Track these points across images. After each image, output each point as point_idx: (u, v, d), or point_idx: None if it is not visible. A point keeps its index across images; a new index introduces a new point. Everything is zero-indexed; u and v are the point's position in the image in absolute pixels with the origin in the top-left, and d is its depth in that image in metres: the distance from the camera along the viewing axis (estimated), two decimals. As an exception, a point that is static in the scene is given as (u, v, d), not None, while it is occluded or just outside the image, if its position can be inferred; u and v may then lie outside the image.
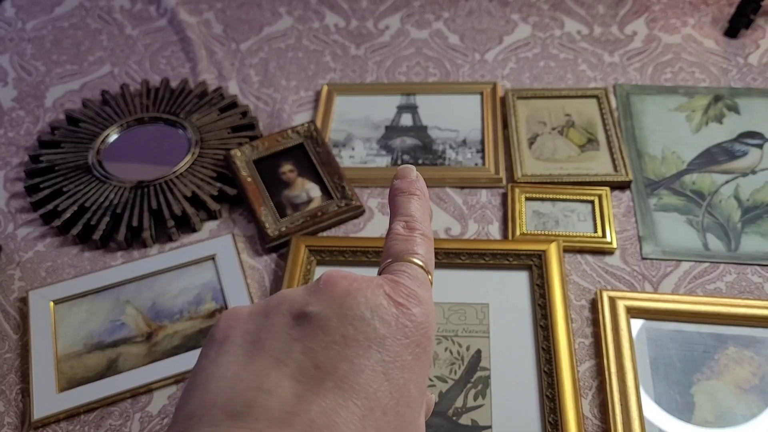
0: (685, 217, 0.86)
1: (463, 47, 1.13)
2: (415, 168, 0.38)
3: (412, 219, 0.35)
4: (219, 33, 1.20)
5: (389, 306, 0.29)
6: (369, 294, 0.29)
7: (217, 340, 0.29)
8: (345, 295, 0.29)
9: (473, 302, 0.78)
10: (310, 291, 0.30)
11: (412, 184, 0.37)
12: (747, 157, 0.92)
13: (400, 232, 0.34)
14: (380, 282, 0.30)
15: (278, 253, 0.86)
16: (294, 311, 0.29)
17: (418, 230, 0.34)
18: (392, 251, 0.33)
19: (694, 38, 1.11)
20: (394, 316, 0.29)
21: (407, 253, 0.33)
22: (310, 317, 0.28)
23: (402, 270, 0.32)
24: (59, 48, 1.20)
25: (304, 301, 0.29)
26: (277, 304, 0.30)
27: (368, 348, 0.27)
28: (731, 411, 0.68)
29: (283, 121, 1.03)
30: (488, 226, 0.87)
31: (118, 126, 1.01)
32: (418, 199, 0.36)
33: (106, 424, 0.71)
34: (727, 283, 0.79)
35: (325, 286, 0.29)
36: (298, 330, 0.28)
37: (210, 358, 0.29)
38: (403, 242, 0.34)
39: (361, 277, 0.30)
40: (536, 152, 0.94)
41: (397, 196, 0.36)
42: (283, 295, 0.30)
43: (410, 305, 0.29)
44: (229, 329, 0.29)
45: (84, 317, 0.80)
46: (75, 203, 0.90)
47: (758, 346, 0.73)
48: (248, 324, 0.29)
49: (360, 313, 0.28)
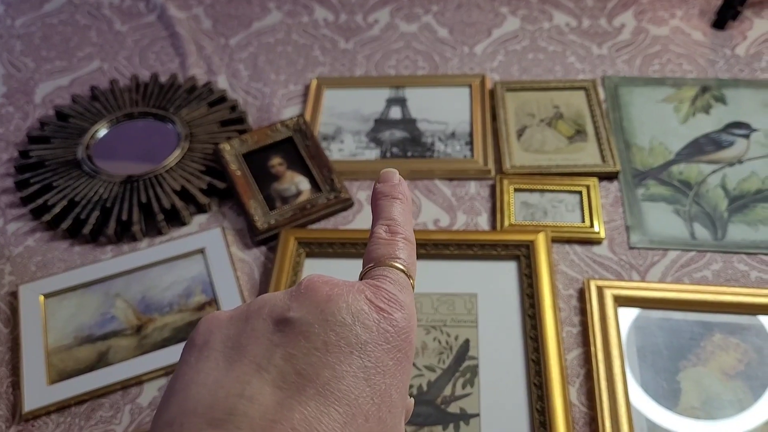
0: (672, 207, 0.86)
1: (452, 40, 1.13)
2: (397, 172, 0.38)
3: (394, 223, 0.35)
4: (208, 28, 1.20)
5: (371, 311, 0.29)
6: (350, 299, 0.29)
7: (197, 345, 0.29)
8: (326, 301, 0.28)
9: (462, 292, 0.78)
10: (292, 296, 0.29)
11: (395, 188, 0.36)
12: (734, 147, 0.93)
13: (382, 236, 0.34)
14: (362, 287, 0.30)
15: (268, 245, 0.87)
16: (275, 316, 0.29)
17: (400, 234, 0.34)
18: (374, 255, 0.33)
19: (682, 30, 1.11)
20: (376, 321, 0.28)
21: (389, 258, 0.33)
22: (291, 323, 0.28)
23: (383, 275, 0.32)
24: (48, 44, 1.20)
25: (285, 306, 0.29)
26: (258, 308, 0.29)
27: (350, 354, 0.27)
28: (717, 397, 0.69)
29: (272, 115, 1.03)
30: (477, 218, 0.87)
31: (107, 121, 1.01)
32: (400, 203, 0.36)
33: (97, 416, 0.71)
34: (714, 272, 0.80)
35: (307, 291, 0.29)
36: (279, 335, 0.28)
37: (190, 364, 0.28)
38: (385, 246, 0.33)
39: (342, 282, 0.30)
40: (525, 144, 0.94)
41: (379, 199, 0.36)
42: (264, 300, 0.30)
43: (392, 310, 0.29)
44: (208, 334, 0.29)
45: (74, 311, 0.80)
46: (65, 198, 0.90)
47: (744, 333, 0.73)
48: (228, 329, 0.29)
49: (341, 319, 0.28)
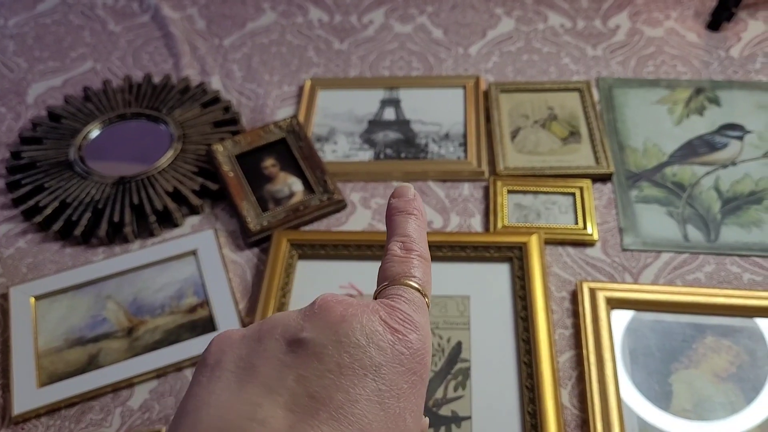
0: (666, 209, 0.86)
1: (447, 41, 1.13)
2: (412, 187, 0.37)
3: (409, 240, 0.34)
4: (202, 28, 1.20)
5: (385, 332, 0.28)
6: (364, 320, 0.28)
7: (208, 365, 0.29)
8: (340, 321, 0.28)
9: (454, 294, 0.78)
10: (305, 316, 0.29)
11: (410, 203, 0.36)
12: (727, 148, 0.93)
13: (397, 253, 0.33)
14: (376, 307, 0.29)
15: (260, 247, 0.86)
16: (288, 337, 0.28)
17: (415, 251, 0.33)
18: (388, 273, 0.33)
19: (677, 31, 1.11)
20: (390, 342, 0.28)
21: (404, 276, 0.32)
22: (304, 344, 0.27)
23: (398, 294, 0.31)
24: (41, 44, 1.19)
25: (298, 326, 0.28)
26: (270, 328, 0.29)
27: (364, 377, 0.27)
28: (709, 399, 0.69)
29: (266, 116, 1.03)
30: (470, 219, 0.87)
31: (100, 122, 1.00)
32: (415, 219, 0.35)
33: (87, 418, 0.71)
34: (707, 274, 0.80)
35: (320, 311, 0.29)
36: (291, 357, 0.27)
37: (202, 385, 0.28)
38: (400, 264, 0.33)
39: (356, 302, 0.30)
40: (519, 145, 0.94)
41: (394, 215, 0.35)
42: (277, 319, 0.29)
43: (406, 331, 0.29)
44: (220, 353, 0.29)
45: (65, 313, 0.80)
46: (56, 199, 0.90)
47: (736, 335, 0.73)
48: (240, 349, 0.29)
49: (355, 340, 0.27)
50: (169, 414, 0.70)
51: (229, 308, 0.79)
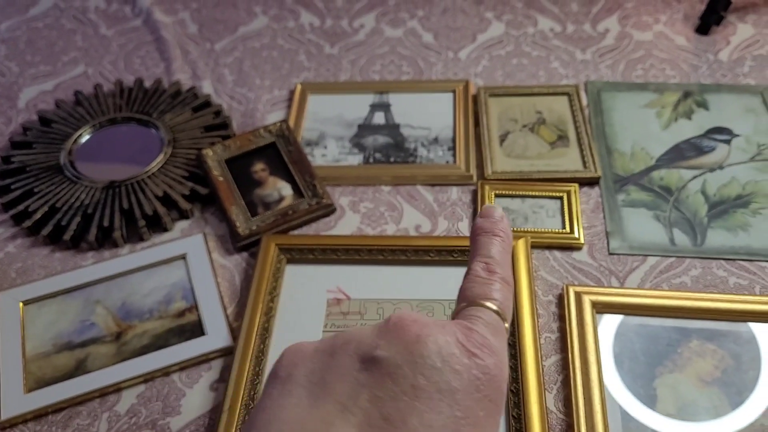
0: (653, 213, 0.87)
1: (437, 45, 1.14)
2: (500, 208, 0.36)
3: (493, 261, 0.33)
4: (194, 33, 1.20)
5: (461, 355, 0.27)
6: (441, 341, 0.28)
7: (280, 377, 0.28)
8: (416, 341, 0.27)
9: (442, 299, 0.79)
10: (380, 332, 0.28)
11: (496, 225, 0.35)
12: (715, 152, 0.93)
13: (480, 274, 0.33)
14: (453, 328, 0.29)
15: (249, 251, 0.87)
16: (362, 353, 0.28)
17: (497, 274, 0.33)
18: (468, 294, 0.32)
19: (666, 35, 1.12)
20: (467, 366, 0.27)
21: (484, 298, 0.32)
22: (378, 362, 0.27)
23: (477, 316, 0.30)
24: (33, 48, 1.19)
25: (372, 343, 0.28)
26: (344, 343, 0.29)
27: (439, 401, 0.26)
28: (693, 404, 0.69)
29: (256, 120, 1.03)
30: (458, 223, 0.87)
31: (90, 126, 1.00)
32: (501, 241, 0.35)
33: (74, 423, 0.71)
34: (693, 278, 0.80)
35: (395, 328, 0.28)
36: (365, 375, 0.27)
37: (272, 397, 0.28)
38: (481, 285, 0.32)
39: (432, 322, 0.29)
40: (507, 149, 0.95)
41: (479, 235, 0.35)
42: (351, 335, 0.29)
43: (483, 355, 0.28)
44: (292, 367, 0.28)
45: (53, 318, 0.80)
46: (46, 204, 0.90)
47: (721, 339, 0.74)
48: (313, 363, 0.28)
49: (431, 362, 0.27)
50: (156, 419, 0.71)
51: (217, 313, 0.79)
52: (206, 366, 0.75)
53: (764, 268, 0.80)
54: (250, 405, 0.70)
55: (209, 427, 0.70)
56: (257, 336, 0.75)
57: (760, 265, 0.81)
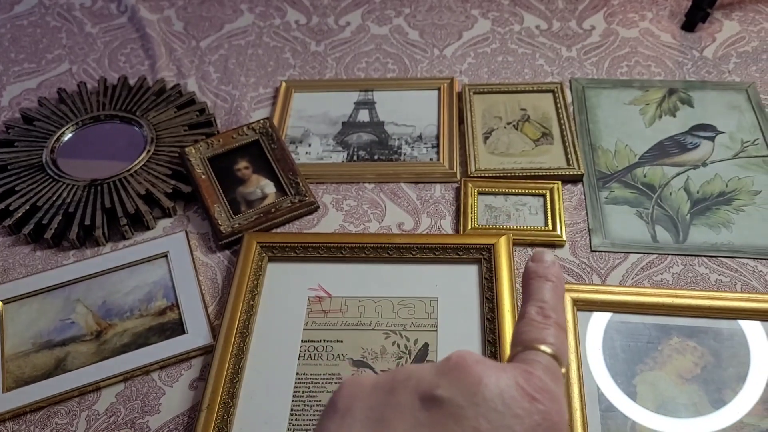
0: (635, 210, 0.86)
1: (423, 43, 1.13)
2: (551, 252, 0.37)
3: (547, 306, 0.33)
4: (179, 30, 1.20)
5: (522, 399, 0.27)
6: (503, 384, 0.27)
7: (338, 410, 0.28)
8: (478, 383, 0.27)
9: (423, 296, 0.78)
10: (441, 371, 0.28)
11: (549, 269, 0.35)
12: (698, 149, 0.93)
13: (534, 318, 0.33)
14: (513, 372, 0.28)
15: (231, 250, 0.86)
16: (422, 391, 0.27)
17: (552, 318, 0.33)
18: (525, 338, 0.32)
19: (652, 32, 1.12)
20: (528, 411, 0.27)
21: (540, 342, 0.31)
22: (440, 402, 0.27)
23: (535, 360, 0.30)
24: (17, 46, 1.19)
25: (433, 382, 0.28)
26: (404, 379, 0.28)
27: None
28: (672, 400, 0.69)
29: (241, 118, 1.03)
30: (441, 221, 0.87)
31: (73, 124, 1.00)
32: (553, 286, 0.35)
33: (52, 423, 0.71)
34: (674, 275, 0.80)
35: (457, 368, 0.28)
36: (425, 414, 0.26)
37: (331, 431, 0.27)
38: (537, 330, 0.32)
39: (492, 364, 0.29)
40: (491, 147, 0.94)
41: (531, 279, 0.35)
42: (410, 371, 0.29)
43: (544, 400, 0.27)
44: (351, 400, 0.28)
45: (34, 316, 0.80)
46: (27, 202, 0.89)
47: (701, 336, 0.74)
48: (372, 398, 0.28)
49: (493, 405, 0.26)
50: (135, 417, 0.70)
51: (198, 311, 0.79)
52: (186, 364, 0.75)
53: (746, 265, 0.80)
54: (228, 404, 0.69)
55: (188, 426, 0.70)
56: (237, 334, 0.75)
57: (742, 262, 0.81)
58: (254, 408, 0.71)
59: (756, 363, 0.71)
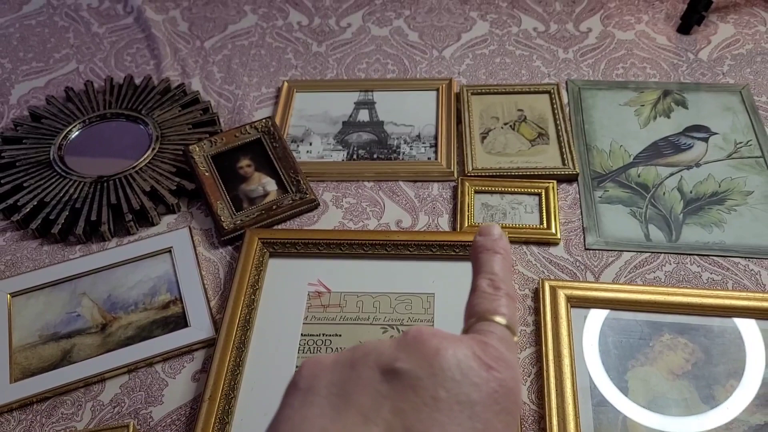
0: (629, 209, 0.88)
1: (422, 44, 1.15)
2: (498, 226, 0.38)
3: (497, 278, 0.34)
4: (184, 31, 1.22)
5: (479, 369, 0.28)
6: (460, 354, 0.28)
7: (300, 388, 0.29)
8: (435, 354, 0.28)
9: (420, 292, 0.80)
10: (399, 345, 0.29)
11: (496, 242, 0.36)
12: (692, 150, 0.95)
13: (486, 290, 0.34)
14: (469, 342, 0.29)
15: (234, 245, 0.88)
16: (382, 365, 0.28)
17: (502, 289, 0.34)
18: (477, 309, 0.33)
19: (647, 34, 1.13)
20: (485, 380, 0.28)
21: (492, 313, 0.32)
22: (399, 374, 0.27)
23: (489, 330, 0.31)
24: (26, 45, 1.21)
25: (392, 355, 0.28)
26: (364, 355, 0.29)
27: (459, 413, 0.26)
28: (663, 396, 0.71)
29: (243, 117, 1.05)
30: (438, 219, 0.89)
31: (80, 122, 1.02)
32: (501, 258, 0.35)
33: (58, 413, 0.73)
34: (666, 273, 0.82)
35: (415, 342, 0.29)
36: (386, 386, 0.27)
37: (294, 408, 0.28)
38: (489, 301, 0.33)
39: (449, 335, 0.29)
40: (488, 146, 0.96)
41: (480, 253, 0.36)
42: (369, 347, 0.30)
43: (500, 369, 0.28)
44: (312, 378, 0.29)
45: (40, 309, 0.82)
46: (35, 198, 0.92)
47: (692, 332, 0.75)
48: (333, 374, 0.29)
49: (451, 375, 0.27)
50: (138, 408, 0.72)
51: (201, 305, 0.81)
52: (189, 357, 0.77)
53: (737, 264, 0.82)
54: (230, 395, 0.71)
55: (190, 417, 0.72)
56: (239, 328, 0.77)
57: (734, 261, 0.82)
58: (255, 400, 0.73)
59: (747, 360, 0.73)
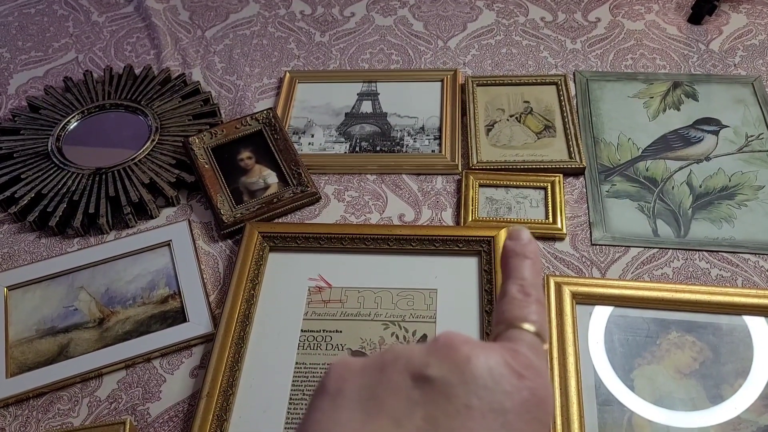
0: (637, 204, 0.86)
1: (427, 34, 1.13)
2: (527, 230, 0.37)
3: (527, 283, 0.33)
4: (185, 20, 1.20)
5: (511, 377, 0.27)
6: (492, 362, 0.27)
7: (329, 392, 0.28)
8: (467, 362, 0.27)
9: (422, 288, 0.79)
10: (429, 351, 0.28)
11: (525, 247, 0.35)
12: (702, 143, 0.93)
13: (516, 296, 0.33)
14: (500, 350, 0.29)
15: (233, 239, 0.87)
16: (412, 371, 0.27)
17: (533, 296, 0.33)
18: (507, 317, 0.32)
19: (658, 24, 1.11)
20: (517, 388, 0.27)
21: (522, 320, 0.32)
22: (430, 381, 0.27)
23: (519, 338, 0.31)
24: (25, 34, 1.20)
25: (423, 361, 0.28)
26: (393, 359, 0.28)
27: (492, 421, 0.26)
28: (670, 395, 0.69)
29: (245, 108, 1.03)
30: (442, 213, 0.87)
31: (79, 113, 1.01)
32: (531, 263, 0.35)
33: (55, 408, 0.72)
34: (675, 269, 0.80)
35: (446, 348, 0.28)
36: (418, 393, 0.27)
37: (324, 411, 0.27)
38: (519, 308, 0.32)
39: (480, 343, 0.29)
40: (493, 139, 0.94)
41: (510, 257, 0.35)
42: (399, 352, 0.29)
43: (531, 377, 0.28)
44: (342, 381, 0.28)
45: (37, 303, 0.81)
46: (32, 190, 0.90)
47: (700, 331, 0.74)
48: (362, 378, 0.28)
49: (483, 383, 0.27)
50: (136, 404, 0.71)
51: (200, 300, 0.80)
52: (187, 352, 0.76)
53: (747, 261, 0.80)
54: (228, 392, 0.70)
55: (188, 413, 0.70)
56: (238, 323, 0.75)
57: (744, 257, 0.81)
58: (253, 396, 0.71)
59: (756, 359, 0.71)
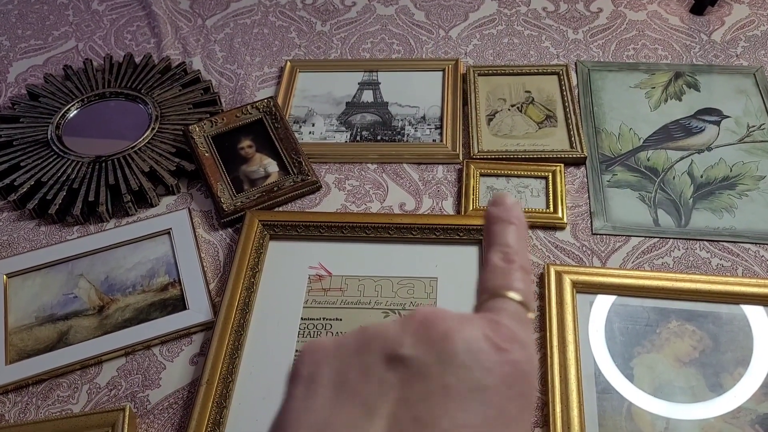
0: (638, 193, 0.86)
1: (429, 24, 1.13)
2: (511, 195, 0.36)
3: (511, 250, 0.32)
4: (185, 8, 1.19)
5: (490, 351, 0.26)
6: (469, 337, 0.26)
7: (302, 377, 0.28)
8: (443, 339, 0.26)
9: (422, 276, 0.79)
10: (404, 329, 0.27)
11: (509, 212, 0.34)
12: (704, 133, 0.92)
13: (498, 264, 0.31)
14: (479, 322, 0.28)
15: (234, 228, 0.87)
16: (387, 351, 0.27)
17: (516, 262, 0.31)
18: (489, 285, 0.31)
19: (660, 15, 1.10)
20: (497, 363, 0.26)
21: (506, 288, 0.30)
22: (405, 361, 0.26)
23: (501, 308, 0.29)
24: (24, 23, 1.19)
25: (397, 340, 0.27)
26: (368, 341, 0.28)
27: (471, 401, 0.25)
28: (669, 383, 0.69)
29: (245, 97, 1.03)
30: (443, 202, 0.87)
31: (79, 101, 1.00)
32: (516, 229, 0.33)
33: (54, 395, 0.72)
34: (675, 258, 0.80)
35: (421, 325, 0.27)
36: (392, 375, 0.26)
37: (297, 399, 0.27)
38: (501, 276, 0.31)
39: (458, 316, 0.28)
40: (494, 128, 0.94)
41: (493, 224, 0.33)
42: (374, 331, 0.28)
43: (513, 350, 0.27)
44: (314, 366, 0.28)
45: (37, 290, 0.81)
46: (32, 178, 0.90)
47: (700, 320, 0.74)
48: (336, 362, 0.27)
49: (460, 361, 0.26)
50: (135, 391, 0.71)
51: (200, 287, 0.80)
52: (187, 340, 0.76)
53: (748, 250, 0.80)
54: (228, 379, 0.70)
55: (187, 400, 0.70)
56: (238, 311, 0.75)
57: (744, 246, 0.80)
58: (253, 383, 0.71)
59: (755, 348, 0.71)
